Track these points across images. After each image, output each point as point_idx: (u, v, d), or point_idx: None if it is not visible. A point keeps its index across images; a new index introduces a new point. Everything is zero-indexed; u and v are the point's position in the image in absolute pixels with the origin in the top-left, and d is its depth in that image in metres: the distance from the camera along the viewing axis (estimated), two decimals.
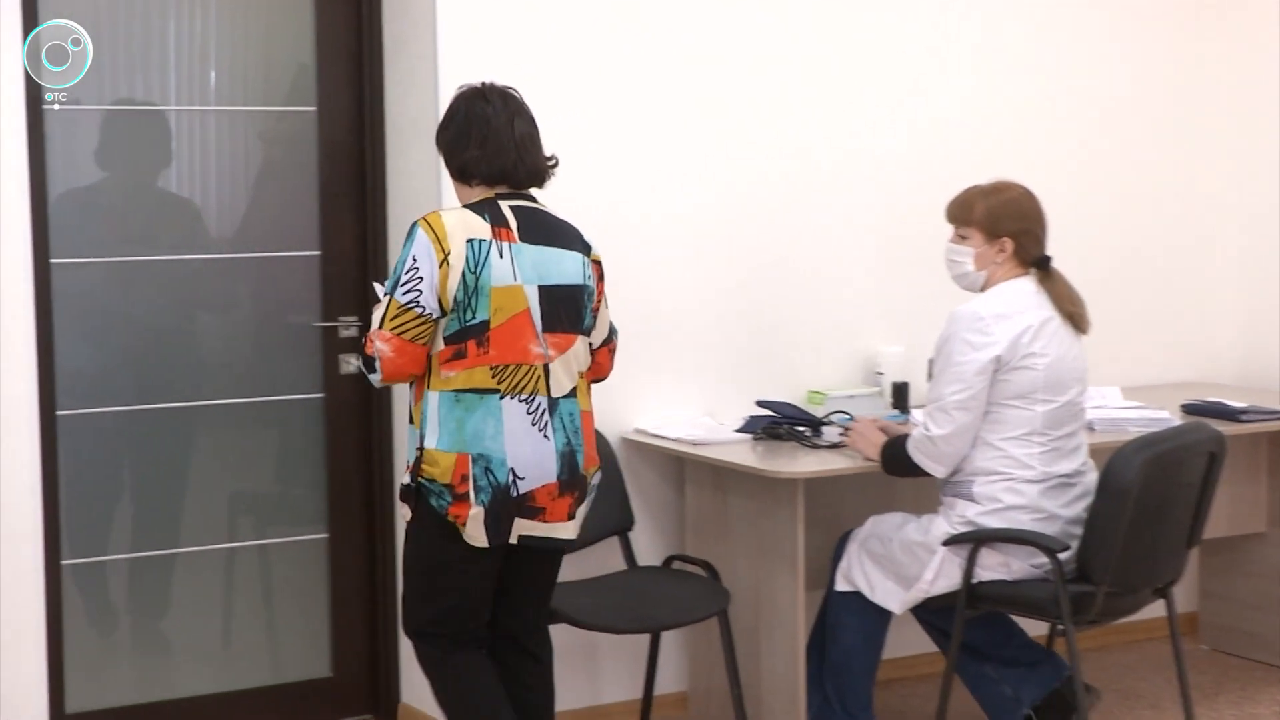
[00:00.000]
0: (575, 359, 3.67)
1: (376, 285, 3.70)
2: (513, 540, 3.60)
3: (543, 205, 3.71)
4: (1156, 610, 4.52)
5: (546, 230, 3.65)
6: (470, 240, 3.53)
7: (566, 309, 3.64)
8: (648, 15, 4.82)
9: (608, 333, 3.85)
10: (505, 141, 3.62)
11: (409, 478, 3.60)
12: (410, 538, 3.70)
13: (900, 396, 5.00)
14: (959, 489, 4.24)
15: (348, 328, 4.74)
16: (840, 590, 4.42)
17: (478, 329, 3.54)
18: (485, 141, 3.62)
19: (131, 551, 4.61)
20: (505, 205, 3.62)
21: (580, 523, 3.72)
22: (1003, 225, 4.24)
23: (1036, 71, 5.45)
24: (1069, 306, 4.25)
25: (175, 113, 4.61)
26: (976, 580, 4.20)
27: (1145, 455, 4.09)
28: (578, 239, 3.72)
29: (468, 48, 4.54)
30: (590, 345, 3.76)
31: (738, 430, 4.72)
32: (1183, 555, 4.38)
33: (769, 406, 4.75)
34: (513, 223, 3.60)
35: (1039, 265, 4.27)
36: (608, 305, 3.83)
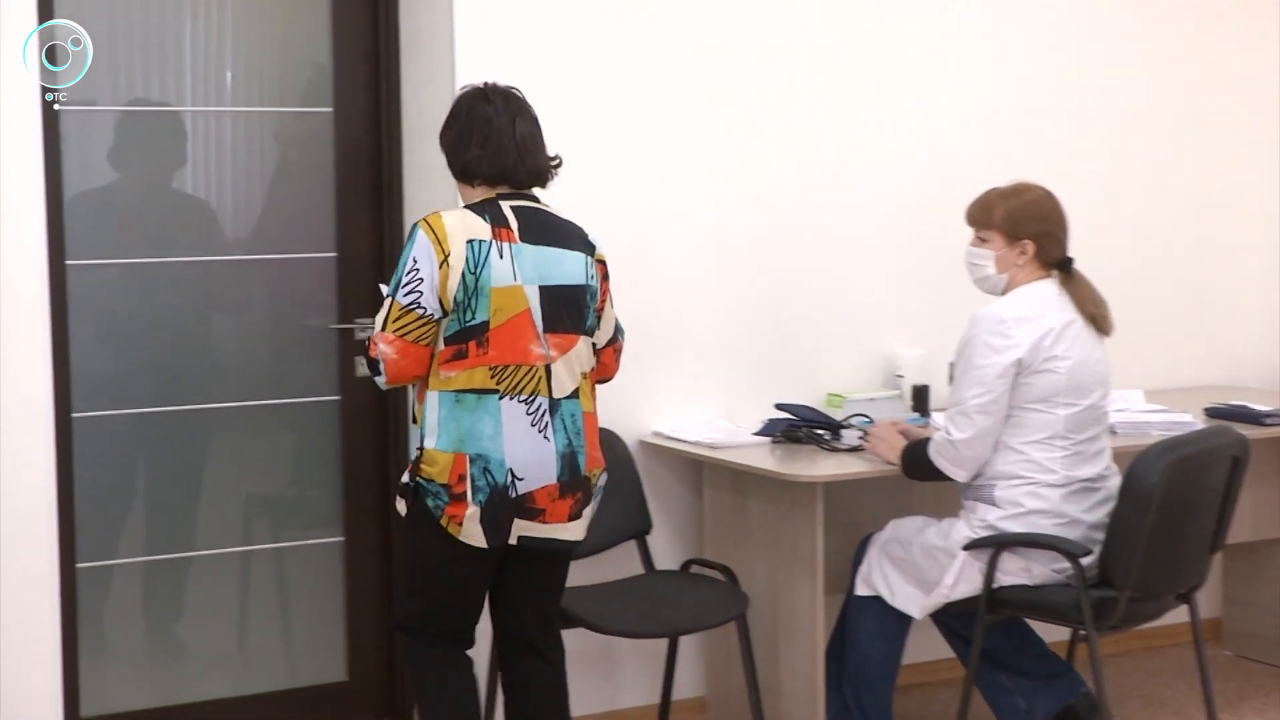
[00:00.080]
0: (578, 359, 3.66)
1: (383, 286, 3.70)
2: (512, 541, 3.60)
3: (545, 205, 3.71)
4: (1179, 616, 4.49)
5: (548, 230, 3.65)
6: (470, 241, 3.54)
7: (568, 309, 3.64)
8: (666, 13, 4.80)
9: (613, 333, 3.84)
10: (506, 142, 3.62)
11: (407, 476, 3.63)
12: (404, 533, 3.71)
13: (920, 399, 4.98)
14: (980, 493, 4.22)
15: (364, 330, 4.71)
16: (860, 595, 4.41)
17: (478, 329, 3.54)
18: (486, 142, 3.62)
19: (146, 554, 4.60)
20: (506, 205, 3.63)
21: (585, 524, 3.72)
22: (1023, 227, 4.22)
23: (1059, 70, 5.42)
24: (1091, 308, 4.23)
25: (191, 114, 4.60)
26: (997, 585, 4.18)
27: (1168, 459, 4.07)
28: (581, 239, 3.71)
29: (485, 47, 4.53)
30: (594, 346, 3.75)
31: (756, 433, 4.70)
32: (1206, 560, 4.35)
33: (788, 409, 4.73)
34: (513, 223, 3.60)
35: (1061, 267, 4.25)
36: (613, 305, 3.82)
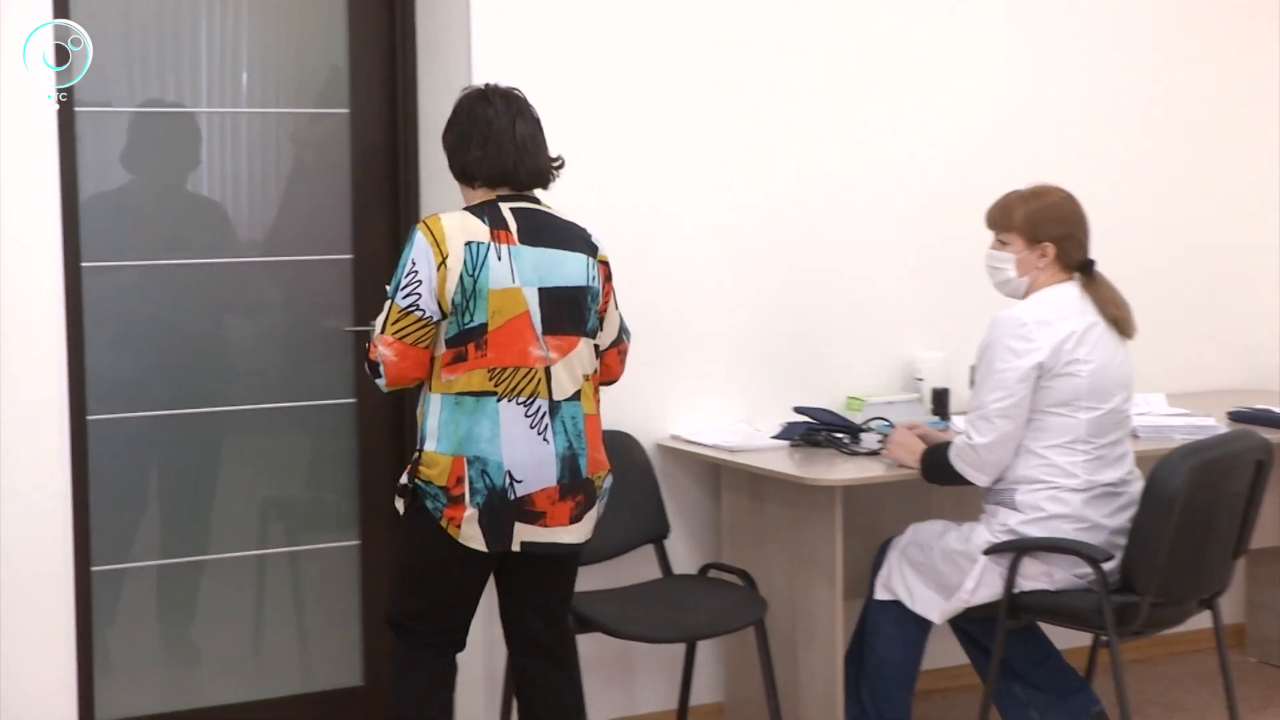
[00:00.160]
0: (579, 361, 3.65)
1: (389, 288, 3.70)
2: (515, 548, 3.59)
3: (546, 207, 3.70)
4: (1202, 622, 4.45)
5: (548, 232, 3.64)
6: (468, 243, 3.54)
7: (569, 311, 3.62)
8: (685, 11, 4.77)
9: (617, 334, 3.83)
10: (506, 143, 3.62)
11: (406, 477, 3.63)
12: (402, 531, 3.71)
13: (940, 403, 4.95)
14: (1001, 497, 4.19)
15: None
16: (879, 599, 4.39)
17: (476, 332, 3.54)
18: (486, 143, 3.62)
19: (161, 558, 4.59)
20: (506, 207, 3.62)
21: (588, 527, 3.70)
22: (1044, 230, 4.19)
23: (1079, 70, 5.40)
24: (1114, 311, 4.20)
25: (206, 115, 4.58)
26: (1018, 590, 4.16)
27: (1191, 463, 4.05)
28: (583, 240, 3.70)
29: (502, 47, 4.51)
30: (597, 347, 3.74)
31: (775, 437, 4.68)
32: (1229, 565, 4.32)
33: (807, 413, 4.70)
34: (512, 224, 3.59)
35: (1082, 270, 4.22)
36: (618, 307, 3.81)
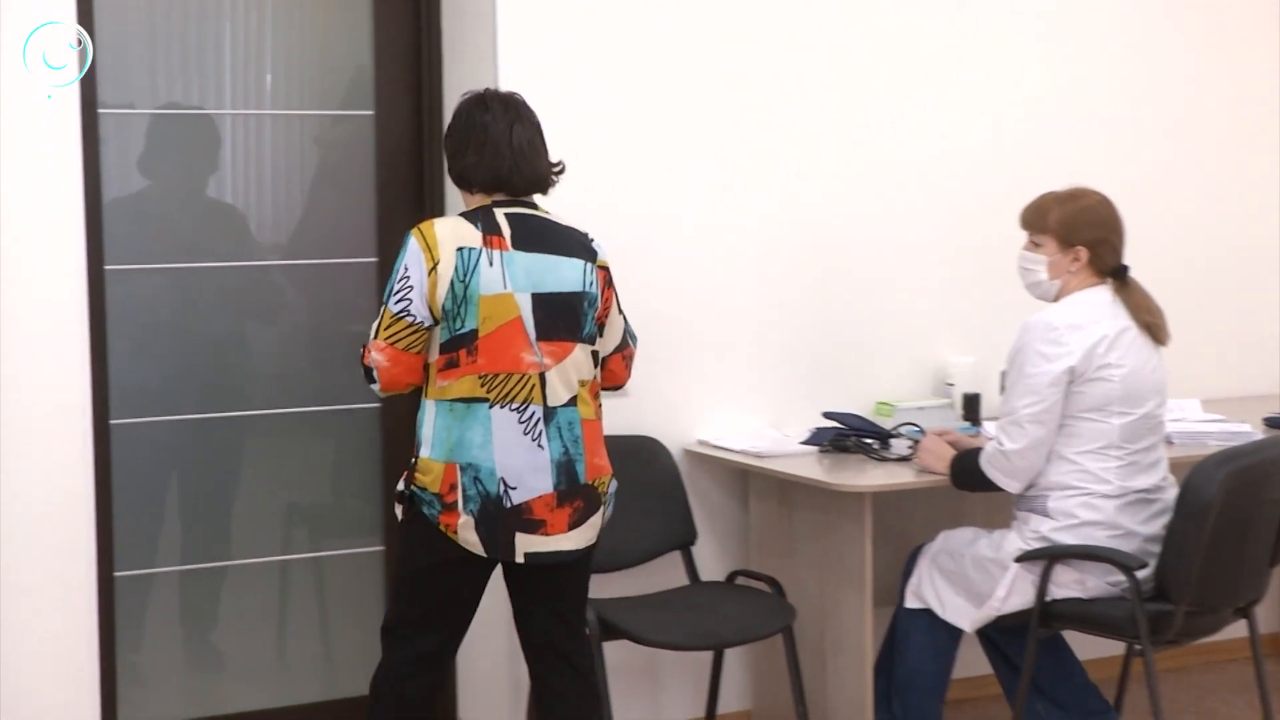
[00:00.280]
0: (574, 367, 3.62)
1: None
2: (519, 559, 3.56)
3: (544, 212, 3.68)
4: (1238, 630, 4.42)
5: (544, 237, 3.62)
6: (460, 249, 3.52)
7: (564, 317, 3.60)
8: (717, 21, 4.74)
9: (621, 339, 3.80)
10: (503, 148, 3.60)
11: (403, 484, 3.62)
12: (401, 538, 3.70)
13: (971, 408, 4.90)
14: (1033, 504, 4.15)
15: None
16: (910, 607, 4.36)
17: (467, 338, 3.53)
18: (483, 148, 3.61)
19: (184, 563, 4.59)
20: (501, 212, 3.60)
21: (590, 533, 3.65)
22: (1078, 234, 4.16)
23: (1113, 72, 5.35)
24: (1147, 316, 4.17)
25: (230, 116, 4.57)
26: (1050, 598, 4.11)
27: (1226, 470, 4.01)
28: (581, 245, 3.67)
29: (527, 49, 4.49)
30: (599, 354, 3.71)
31: (803, 442, 4.65)
32: (1265, 574, 4.28)
33: (836, 418, 4.67)
34: (506, 230, 3.57)
35: (1116, 275, 4.18)
36: (622, 312, 3.79)
